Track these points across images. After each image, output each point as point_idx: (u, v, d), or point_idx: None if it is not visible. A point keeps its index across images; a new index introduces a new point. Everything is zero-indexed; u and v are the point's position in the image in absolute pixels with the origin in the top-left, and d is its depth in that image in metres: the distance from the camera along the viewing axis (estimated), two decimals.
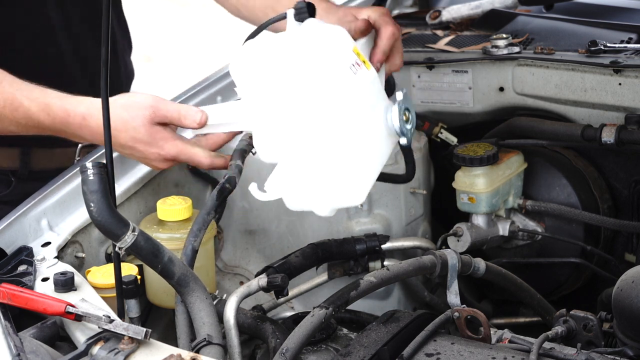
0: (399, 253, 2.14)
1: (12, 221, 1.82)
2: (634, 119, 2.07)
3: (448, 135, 2.33)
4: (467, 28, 2.55)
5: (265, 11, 2.16)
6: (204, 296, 1.64)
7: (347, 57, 1.70)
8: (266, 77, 1.69)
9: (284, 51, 1.70)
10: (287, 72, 1.67)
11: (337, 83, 1.67)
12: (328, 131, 1.65)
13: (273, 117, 1.67)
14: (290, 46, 1.71)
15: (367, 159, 1.69)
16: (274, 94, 1.67)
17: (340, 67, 1.68)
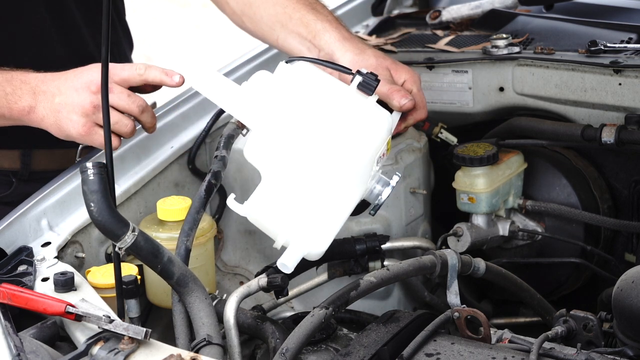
0: (399, 253, 2.14)
1: (12, 221, 1.82)
2: (634, 119, 2.07)
3: (448, 135, 2.32)
4: (467, 28, 2.55)
5: (272, 27, 2.11)
6: (203, 296, 1.64)
7: (380, 149, 1.72)
8: (301, 105, 1.69)
9: (332, 105, 1.70)
10: (323, 124, 1.66)
11: (358, 170, 1.69)
12: (326, 189, 1.66)
13: (283, 141, 1.67)
14: (340, 107, 1.70)
15: (342, 220, 1.71)
16: (299, 124, 1.67)
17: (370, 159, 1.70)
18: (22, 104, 1.88)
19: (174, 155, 2.13)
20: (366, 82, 1.71)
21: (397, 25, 2.67)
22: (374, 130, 1.71)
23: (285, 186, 1.66)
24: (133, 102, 1.88)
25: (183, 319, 1.64)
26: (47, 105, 1.87)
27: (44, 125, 1.90)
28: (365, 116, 1.70)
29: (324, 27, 2.03)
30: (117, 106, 1.86)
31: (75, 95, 1.85)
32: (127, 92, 1.88)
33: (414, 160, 2.20)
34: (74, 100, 1.85)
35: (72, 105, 1.85)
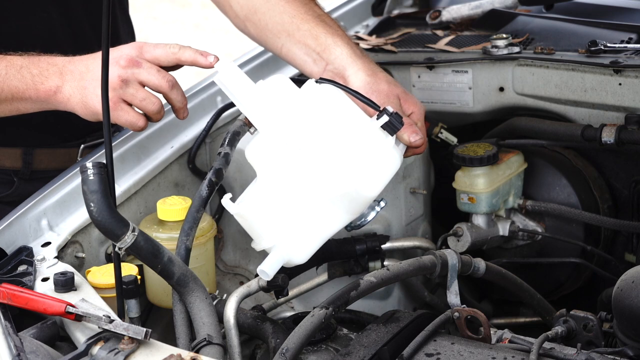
0: (399, 253, 2.14)
1: (12, 221, 1.82)
2: (634, 119, 2.07)
3: (448, 135, 2.33)
4: (467, 28, 2.55)
5: (278, 35, 2.08)
6: (204, 296, 1.64)
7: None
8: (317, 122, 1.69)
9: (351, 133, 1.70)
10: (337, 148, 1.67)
11: (357, 202, 1.72)
12: (319, 207, 1.68)
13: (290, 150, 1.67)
14: (357, 136, 1.70)
15: (327, 236, 1.74)
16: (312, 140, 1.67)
17: (372, 197, 1.74)
18: (49, 84, 1.85)
19: (174, 155, 2.13)
20: (392, 123, 1.71)
21: (397, 25, 2.67)
22: (385, 171, 1.72)
23: (280, 193, 1.67)
24: (163, 77, 1.83)
25: (183, 319, 1.64)
26: (73, 84, 1.84)
27: (70, 106, 1.86)
28: (381, 156, 1.71)
29: (335, 42, 2.00)
30: (146, 82, 1.82)
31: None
32: (156, 68, 1.83)
33: (414, 160, 2.20)
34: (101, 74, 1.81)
35: (99, 79, 1.75)
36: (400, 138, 1.84)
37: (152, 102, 1.83)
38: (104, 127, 1.57)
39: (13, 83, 1.86)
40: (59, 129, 2.18)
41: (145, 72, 1.82)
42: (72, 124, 2.15)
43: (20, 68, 1.87)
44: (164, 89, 1.84)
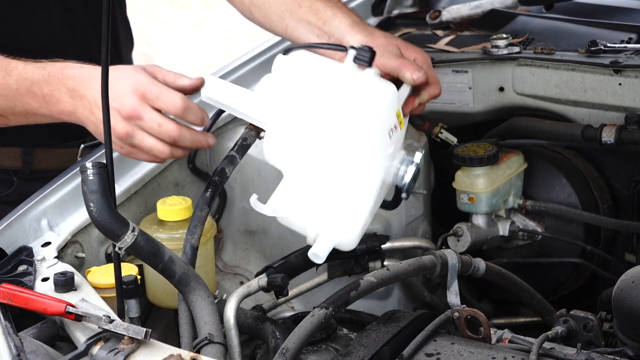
0: (399, 253, 2.14)
1: (12, 221, 1.82)
2: (634, 119, 2.07)
3: (448, 135, 2.33)
4: (467, 28, 2.55)
5: (282, 16, 2.08)
6: (206, 295, 1.64)
7: (390, 120, 1.71)
8: (304, 96, 1.68)
9: (333, 87, 1.69)
10: (328, 109, 1.66)
11: (371, 145, 1.67)
12: (345, 172, 1.65)
13: (295, 134, 1.67)
14: (340, 87, 1.70)
15: (369, 205, 1.70)
16: (306, 115, 1.67)
17: (381, 131, 1.69)
18: (61, 107, 1.77)
19: None
20: (360, 55, 1.69)
21: (397, 25, 2.67)
22: (376, 101, 1.69)
23: (306, 178, 1.65)
24: (165, 131, 1.72)
25: (187, 317, 1.64)
26: (85, 114, 1.76)
27: (87, 127, 1.80)
28: (365, 89, 1.69)
29: (334, 13, 2.01)
30: (150, 133, 1.73)
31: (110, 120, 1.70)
32: (157, 121, 1.71)
33: None
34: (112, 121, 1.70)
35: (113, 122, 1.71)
36: (403, 78, 1.84)
37: (160, 150, 1.73)
38: (104, 127, 1.56)
39: (26, 100, 1.79)
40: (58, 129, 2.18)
41: (147, 126, 1.72)
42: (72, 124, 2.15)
43: (31, 84, 1.78)
44: (167, 142, 1.73)
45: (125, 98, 1.68)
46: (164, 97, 1.70)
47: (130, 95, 1.68)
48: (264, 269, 1.88)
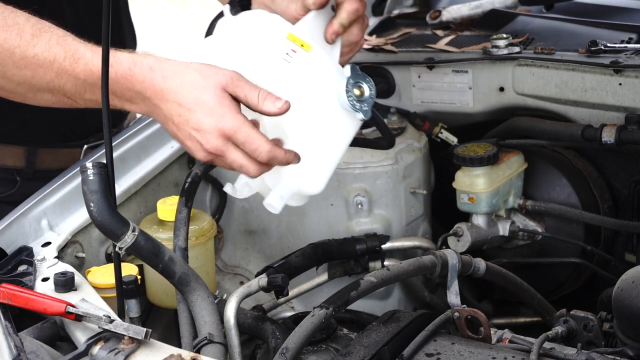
0: (399, 253, 2.14)
1: (12, 221, 1.82)
2: (634, 119, 2.07)
3: (448, 135, 2.33)
4: (467, 28, 2.55)
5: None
6: (206, 295, 1.64)
7: (278, 47, 1.64)
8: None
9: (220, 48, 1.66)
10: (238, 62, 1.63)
11: (269, 76, 1.62)
12: (275, 121, 1.61)
13: None
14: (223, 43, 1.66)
15: (324, 144, 1.64)
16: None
17: (269, 60, 1.63)
18: (135, 108, 1.67)
19: (174, 155, 2.13)
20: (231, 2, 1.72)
21: (397, 25, 2.67)
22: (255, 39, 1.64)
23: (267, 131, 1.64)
24: (252, 163, 1.61)
25: (187, 318, 1.64)
26: (161, 121, 1.65)
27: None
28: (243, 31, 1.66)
29: None
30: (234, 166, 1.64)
31: (189, 143, 1.62)
32: (244, 153, 1.60)
33: (414, 160, 2.20)
34: (188, 146, 1.63)
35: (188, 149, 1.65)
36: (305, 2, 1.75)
37: (251, 170, 1.61)
38: (104, 127, 1.56)
39: (95, 90, 1.66)
40: (62, 129, 2.18)
41: (229, 162, 1.62)
42: (75, 124, 2.16)
43: (99, 79, 1.61)
44: (252, 175, 1.63)
45: (210, 136, 1.59)
46: (250, 145, 1.58)
47: (214, 134, 1.58)
48: (264, 269, 1.88)
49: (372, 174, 2.14)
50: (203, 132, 1.58)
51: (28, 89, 1.68)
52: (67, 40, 1.65)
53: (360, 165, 2.13)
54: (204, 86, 1.58)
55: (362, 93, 1.67)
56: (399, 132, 2.23)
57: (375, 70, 2.40)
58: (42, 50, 1.64)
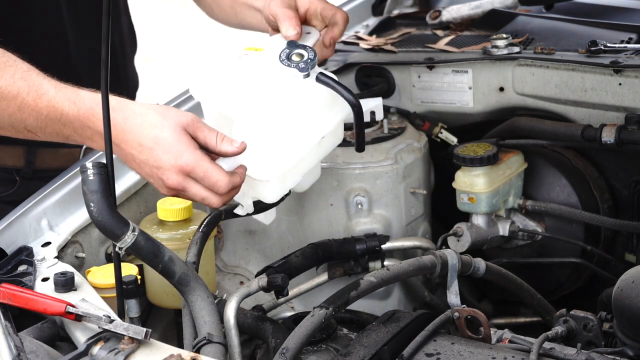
0: (399, 253, 2.14)
1: (12, 221, 1.82)
2: (634, 119, 2.07)
3: (448, 135, 2.33)
4: (467, 28, 2.55)
5: (233, 5, 2.20)
6: (206, 295, 1.64)
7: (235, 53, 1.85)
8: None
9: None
10: None
11: (225, 71, 1.80)
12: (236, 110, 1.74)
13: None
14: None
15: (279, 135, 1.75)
16: None
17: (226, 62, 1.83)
18: (95, 145, 1.71)
19: None
20: None
21: (397, 25, 2.67)
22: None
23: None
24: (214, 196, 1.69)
25: (191, 319, 1.64)
26: (123, 159, 1.70)
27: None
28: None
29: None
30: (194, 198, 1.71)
31: (151, 180, 1.69)
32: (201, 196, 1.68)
33: (414, 160, 2.20)
34: (151, 183, 1.70)
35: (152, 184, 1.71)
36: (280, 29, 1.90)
37: (213, 202, 1.69)
38: (104, 127, 1.56)
39: (57, 126, 1.71)
40: None
41: (190, 195, 1.68)
42: None
43: (61, 116, 1.69)
44: (215, 205, 1.70)
45: (169, 173, 1.65)
46: (209, 180, 1.65)
47: (174, 170, 1.64)
48: (264, 269, 1.88)
49: (372, 174, 2.14)
50: (163, 170, 1.64)
51: None
52: (31, 76, 1.70)
53: (360, 165, 2.13)
54: (164, 125, 1.64)
55: (302, 56, 1.80)
56: (399, 132, 2.23)
57: (375, 70, 2.40)
58: (6, 84, 1.69)
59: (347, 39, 2.58)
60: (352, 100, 1.79)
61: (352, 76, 2.43)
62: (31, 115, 1.70)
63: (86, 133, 1.69)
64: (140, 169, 1.67)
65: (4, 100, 1.69)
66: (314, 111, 1.80)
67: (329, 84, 1.79)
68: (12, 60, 1.72)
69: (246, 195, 1.80)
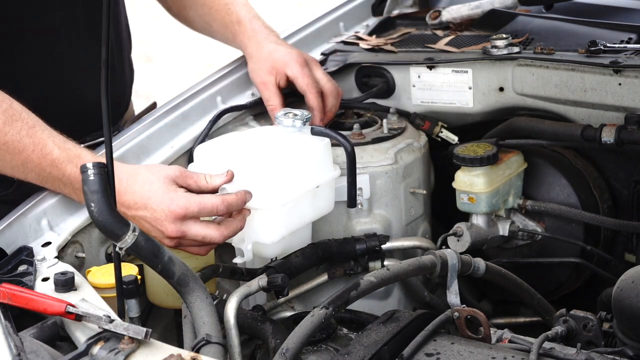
0: (399, 253, 2.14)
1: (12, 221, 1.82)
2: (633, 119, 2.07)
3: (448, 134, 2.33)
4: (467, 28, 2.55)
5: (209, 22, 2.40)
6: (204, 296, 1.64)
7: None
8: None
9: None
10: None
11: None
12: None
13: None
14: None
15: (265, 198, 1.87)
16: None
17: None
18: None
19: (174, 155, 2.12)
20: None
21: (397, 25, 2.67)
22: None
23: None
24: (205, 249, 1.85)
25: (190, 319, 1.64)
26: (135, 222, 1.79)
27: None
28: None
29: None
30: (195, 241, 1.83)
31: (153, 234, 1.79)
32: (201, 235, 1.80)
33: (413, 160, 2.20)
34: (154, 237, 1.76)
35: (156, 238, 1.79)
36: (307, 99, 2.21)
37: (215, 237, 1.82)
38: (104, 127, 1.56)
39: (57, 184, 1.86)
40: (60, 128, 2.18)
41: (191, 240, 1.81)
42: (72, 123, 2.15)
43: (62, 176, 1.84)
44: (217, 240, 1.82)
45: (166, 223, 1.78)
46: (205, 208, 1.78)
47: (170, 219, 1.76)
48: (264, 269, 1.88)
49: (372, 174, 2.14)
50: (160, 221, 1.78)
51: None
52: (37, 132, 1.83)
53: (360, 165, 2.13)
54: (153, 180, 1.80)
55: (296, 115, 2.00)
56: (398, 132, 2.23)
57: (375, 70, 2.40)
58: (13, 140, 1.82)
59: (347, 39, 2.58)
60: (345, 144, 1.98)
61: (352, 76, 2.43)
62: (34, 171, 1.83)
63: (77, 196, 1.84)
64: (141, 226, 1.74)
65: (9, 154, 1.82)
66: (308, 160, 1.95)
67: (324, 132, 2.00)
68: (17, 114, 1.83)
69: (245, 239, 1.88)
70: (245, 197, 1.82)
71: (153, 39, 6.91)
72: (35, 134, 1.83)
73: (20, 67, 2.11)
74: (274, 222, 1.89)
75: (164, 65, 6.77)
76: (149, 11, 7.10)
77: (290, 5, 6.89)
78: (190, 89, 2.27)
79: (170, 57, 6.94)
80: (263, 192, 1.86)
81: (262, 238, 1.90)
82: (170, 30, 7.23)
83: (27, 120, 1.84)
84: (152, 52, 6.77)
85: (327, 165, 2.00)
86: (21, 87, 2.06)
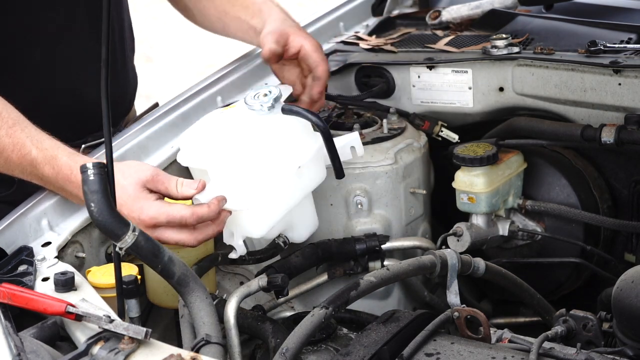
0: (399, 253, 2.14)
1: (12, 221, 1.82)
2: (633, 119, 2.07)
3: (449, 133, 2.33)
4: (467, 28, 2.55)
5: (221, 18, 2.33)
6: (204, 296, 1.64)
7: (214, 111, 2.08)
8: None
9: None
10: None
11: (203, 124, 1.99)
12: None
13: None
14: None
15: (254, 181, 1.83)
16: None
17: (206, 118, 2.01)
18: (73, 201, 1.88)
19: (174, 155, 2.12)
20: None
21: (397, 25, 2.67)
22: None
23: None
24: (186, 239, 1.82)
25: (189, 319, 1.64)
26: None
27: None
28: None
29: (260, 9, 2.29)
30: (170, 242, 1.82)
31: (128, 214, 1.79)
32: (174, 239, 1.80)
33: (413, 160, 2.20)
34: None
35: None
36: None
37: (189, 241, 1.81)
38: (104, 127, 1.56)
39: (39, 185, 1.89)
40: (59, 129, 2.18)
41: (165, 241, 1.79)
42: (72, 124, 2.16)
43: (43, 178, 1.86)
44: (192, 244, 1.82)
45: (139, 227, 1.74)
46: (174, 219, 1.77)
47: (142, 227, 1.73)
48: (264, 269, 1.88)
49: (372, 174, 2.14)
50: (133, 219, 1.75)
51: None
52: (16, 132, 1.83)
53: (359, 165, 2.13)
54: (125, 185, 1.79)
55: (266, 95, 1.91)
56: (398, 132, 2.23)
57: (375, 70, 2.40)
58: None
59: (347, 39, 2.58)
60: (318, 123, 1.89)
61: (352, 76, 2.43)
62: (16, 169, 1.86)
63: (65, 193, 1.86)
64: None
65: None
66: (284, 142, 1.88)
67: (295, 111, 1.90)
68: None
69: (235, 235, 1.86)
70: (218, 205, 1.79)
71: (153, 39, 6.92)
72: (14, 133, 1.84)
73: (20, 66, 2.11)
74: (258, 217, 1.86)
75: (164, 65, 6.78)
76: (149, 11, 7.12)
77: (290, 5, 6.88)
78: (190, 89, 2.27)
79: (170, 57, 6.95)
80: (240, 193, 1.82)
81: (250, 233, 1.88)
82: (170, 30, 7.25)
83: (7, 119, 1.84)
84: (152, 52, 6.77)
85: (305, 142, 1.92)
86: (22, 86, 2.07)
